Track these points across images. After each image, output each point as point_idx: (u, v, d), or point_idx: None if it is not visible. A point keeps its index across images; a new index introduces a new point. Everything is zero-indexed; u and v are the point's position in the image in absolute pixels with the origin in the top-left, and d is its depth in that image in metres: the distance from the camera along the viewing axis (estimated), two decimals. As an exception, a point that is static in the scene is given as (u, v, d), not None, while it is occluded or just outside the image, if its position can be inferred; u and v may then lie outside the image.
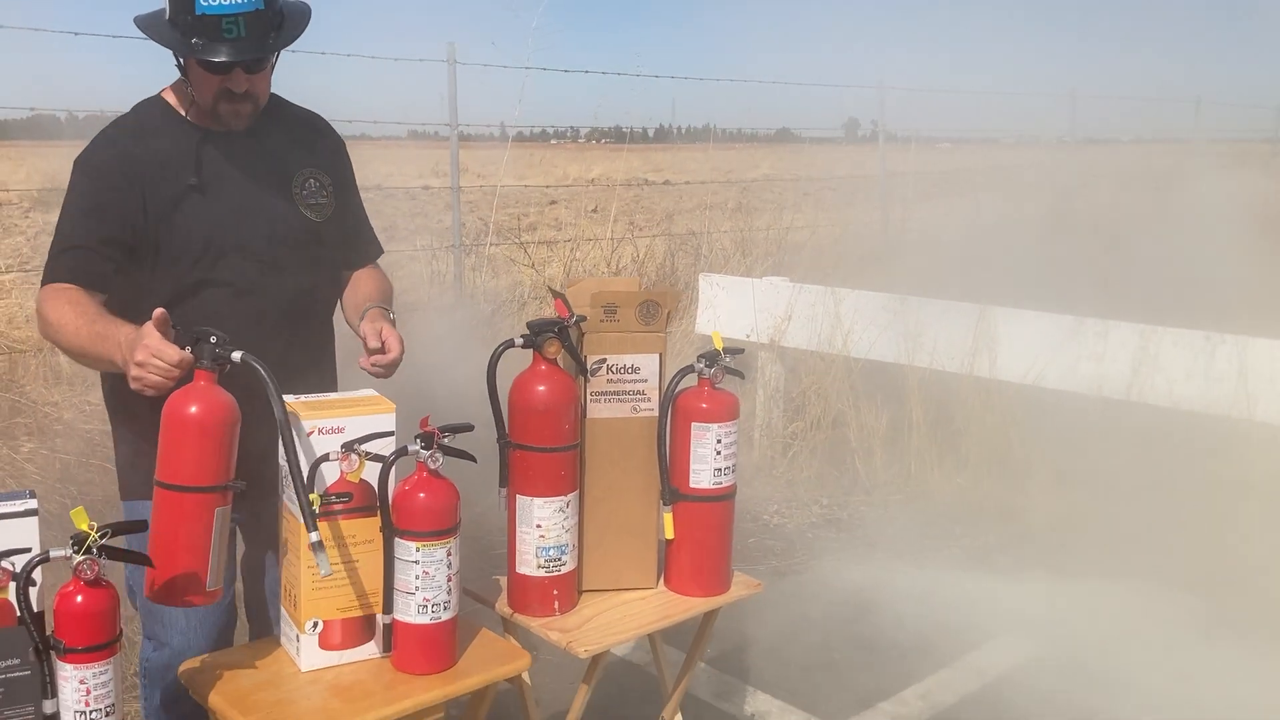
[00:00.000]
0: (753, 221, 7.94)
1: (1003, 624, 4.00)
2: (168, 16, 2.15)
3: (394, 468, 1.95)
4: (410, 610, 1.97)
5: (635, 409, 2.33)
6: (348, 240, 2.49)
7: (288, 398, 2.01)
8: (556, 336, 2.18)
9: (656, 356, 2.32)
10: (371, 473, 1.96)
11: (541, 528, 2.23)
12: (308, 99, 2.49)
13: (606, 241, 7.24)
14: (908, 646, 3.83)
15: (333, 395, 2.09)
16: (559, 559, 2.26)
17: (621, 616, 2.30)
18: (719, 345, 2.36)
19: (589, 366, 2.28)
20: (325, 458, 1.93)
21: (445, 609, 1.99)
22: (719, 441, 2.33)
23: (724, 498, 2.37)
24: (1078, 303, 5.27)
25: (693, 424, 2.32)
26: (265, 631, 2.48)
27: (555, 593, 2.27)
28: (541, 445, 2.19)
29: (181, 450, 1.80)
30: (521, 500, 2.23)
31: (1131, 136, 20.03)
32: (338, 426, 1.96)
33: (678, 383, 2.34)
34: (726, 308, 5.77)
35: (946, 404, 5.40)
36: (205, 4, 2.07)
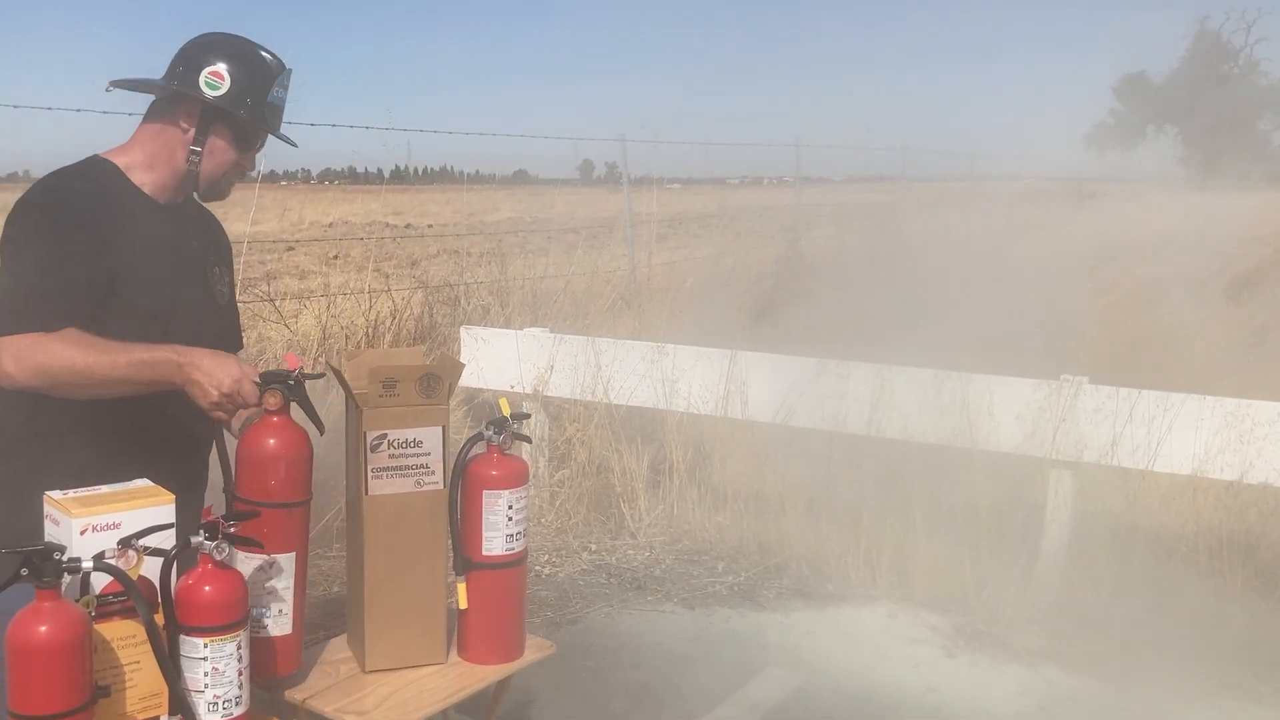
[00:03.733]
0: (506, 269, 7.98)
1: (771, 657, 4.21)
2: (219, 97, 2.25)
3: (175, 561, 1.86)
4: (200, 709, 1.87)
5: (419, 483, 2.31)
6: (228, 334, 2.54)
7: (54, 493, 1.88)
8: (280, 388, 2.10)
9: (439, 429, 2.30)
10: (151, 568, 1.86)
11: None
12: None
13: (363, 294, 7.07)
14: (684, 687, 3.95)
15: (104, 488, 1.96)
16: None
17: (419, 692, 2.27)
18: (506, 412, 2.38)
19: (370, 443, 2.24)
20: (101, 557, 1.82)
21: (237, 704, 1.90)
22: (510, 508, 2.35)
23: (516, 563, 2.39)
24: (819, 341, 5.63)
25: (484, 491, 2.32)
26: None
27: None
28: (268, 501, 2.08)
29: (44, 678, 1.65)
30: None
31: (843, 176, 21.68)
32: (113, 522, 1.84)
33: (468, 451, 2.34)
34: (490, 359, 5.78)
35: (704, 445, 5.64)
36: (274, 96, 2.33)
